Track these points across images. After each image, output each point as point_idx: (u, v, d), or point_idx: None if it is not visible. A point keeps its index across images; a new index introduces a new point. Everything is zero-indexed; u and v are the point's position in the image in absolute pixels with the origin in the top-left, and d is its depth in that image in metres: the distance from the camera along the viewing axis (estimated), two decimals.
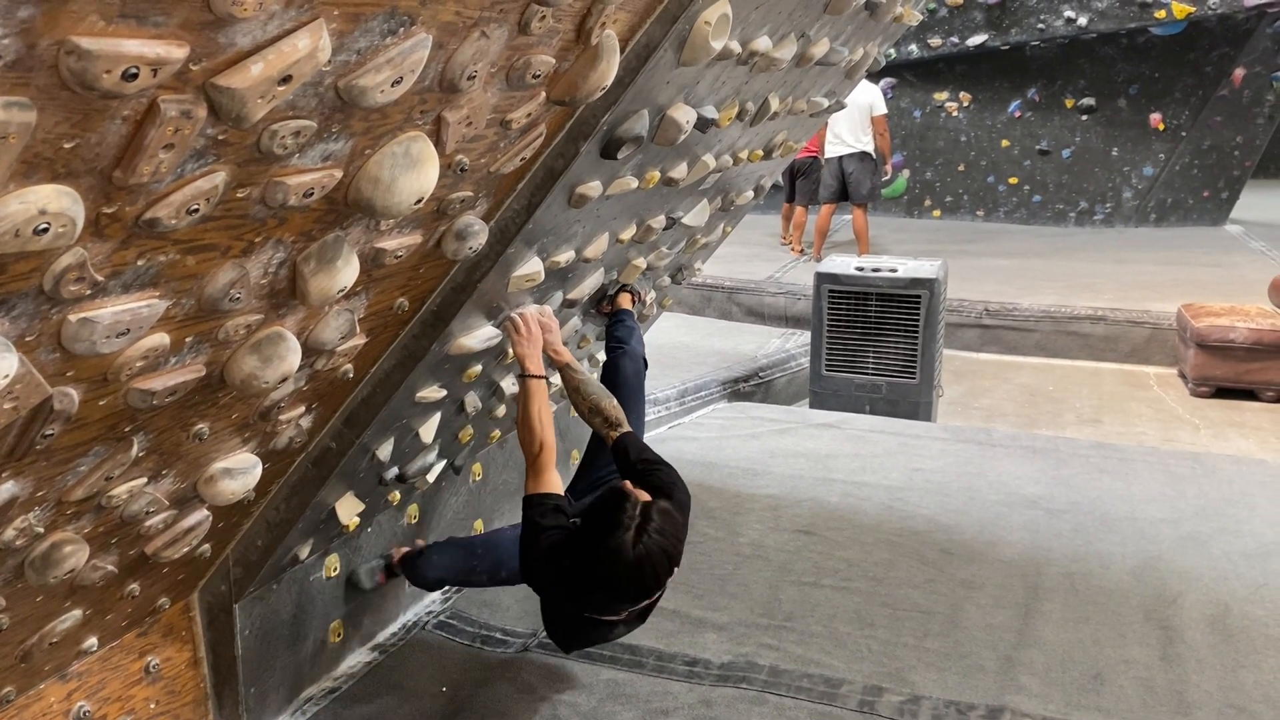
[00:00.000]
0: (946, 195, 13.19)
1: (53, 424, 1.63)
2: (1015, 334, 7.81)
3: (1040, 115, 12.38)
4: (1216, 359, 6.55)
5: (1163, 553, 3.92)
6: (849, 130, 9.19)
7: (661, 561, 2.39)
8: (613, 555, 2.34)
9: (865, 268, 5.98)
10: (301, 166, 1.59)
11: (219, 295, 1.70)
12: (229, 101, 1.31)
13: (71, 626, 2.25)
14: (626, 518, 2.35)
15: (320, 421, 2.51)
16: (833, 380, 6.07)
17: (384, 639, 3.38)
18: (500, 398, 3.35)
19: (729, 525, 4.18)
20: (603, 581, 2.41)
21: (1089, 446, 5.20)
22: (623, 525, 2.34)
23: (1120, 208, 12.34)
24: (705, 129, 2.77)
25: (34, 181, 1.22)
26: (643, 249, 3.46)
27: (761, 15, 2.54)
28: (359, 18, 1.41)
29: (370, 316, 2.24)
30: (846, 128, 9.18)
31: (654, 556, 2.36)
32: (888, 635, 3.33)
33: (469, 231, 2.20)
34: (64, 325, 1.47)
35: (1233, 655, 3.22)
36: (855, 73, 3.78)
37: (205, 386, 1.91)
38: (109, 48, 1.13)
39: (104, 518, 2.05)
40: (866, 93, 9.08)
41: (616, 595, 2.47)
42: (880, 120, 9.20)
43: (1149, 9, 10.42)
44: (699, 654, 3.23)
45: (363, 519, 3.03)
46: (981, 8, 11.24)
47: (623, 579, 2.38)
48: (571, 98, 2.04)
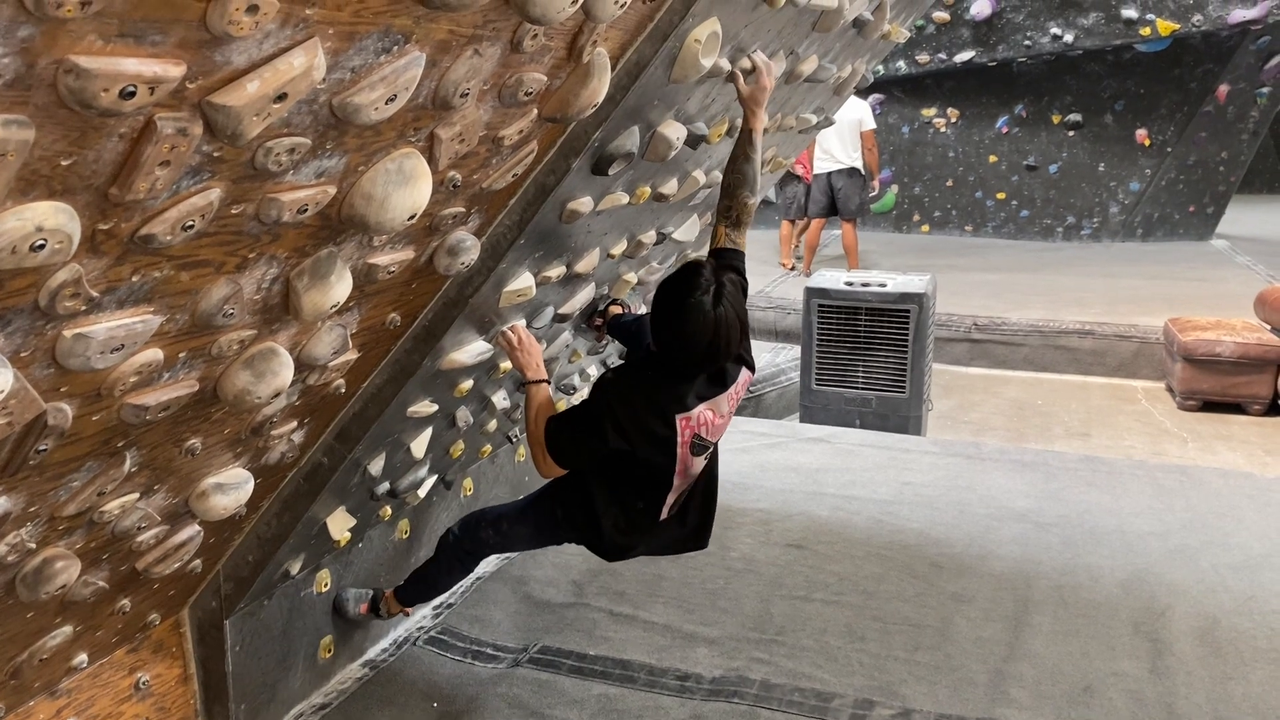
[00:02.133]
0: (935, 210, 13.26)
1: (46, 440, 1.63)
2: (1004, 348, 7.85)
3: (1027, 131, 12.46)
4: (1203, 373, 6.59)
5: (1151, 566, 3.94)
6: (839, 146, 9.23)
7: (735, 327, 2.54)
8: (694, 312, 2.48)
9: (855, 282, 6.01)
10: (296, 183, 1.60)
11: (213, 311, 1.70)
12: (225, 119, 1.32)
13: (62, 643, 2.24)
14: (704, 281, 2.50)
15: (312, 436, 2.51)
16: (823, 394, 6.09)
17: (375, 654, 3.37)
18: (492, 412, 3.36)
19: (720, 540, 4.17)
20: (681, 346, 2.53)
21: (1078, 460, 5.22)
22: (700, 288, 2.49)
23: (1107, 223, 12.43)
24: (696, 145, 2.79)
25: (31, 198, 1.23)
26: (634, 264, 3.48)
27: (751, 33, 2.57)
28: (353, 36, 1.42)
29: (363, 332, 2.24)
30: (837, 143, 9.21)
31: (729, 320, 2.51)
32: (878, 649, 3.34)
33: (461, 247, 2.21)
34: (59, 341, 1.47)
35: (1221, 668, 3.23)
36: (844, 89, 3.82)
37: (198, 402, 1.91)
38: (107, 66, 1.14)
39: (96, 533, 2.05)
40: (855, 109, 9.14)
41: (693, 361, 2.57)
42: (869, 135, 9.25)
43: (1134, 26, 10.52)
44: (690, 668, 3.24)
45: (354, 534, 3.03)
46: (969, 25, 11.33)
47: (700, 338, 2.50)
48: (563, 115, 2.05)
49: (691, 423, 2.64)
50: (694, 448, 2.69)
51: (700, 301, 2.47)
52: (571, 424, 2.70)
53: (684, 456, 2.68)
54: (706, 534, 2.98)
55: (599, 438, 2.64)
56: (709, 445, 2.75)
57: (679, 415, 2.62)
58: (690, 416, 2.63)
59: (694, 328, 2.49)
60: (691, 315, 2.48)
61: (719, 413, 2.72)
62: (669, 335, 2.55)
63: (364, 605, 3.20)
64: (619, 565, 3.88)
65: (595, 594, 3.72)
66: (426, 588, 3.23)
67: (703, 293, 2.48)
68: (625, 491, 2.78)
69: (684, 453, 2.67)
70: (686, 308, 2.49)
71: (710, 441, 2.74)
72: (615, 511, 2.81)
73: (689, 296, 2.49)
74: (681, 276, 2.55)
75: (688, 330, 2.50)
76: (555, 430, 2.70)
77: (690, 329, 2.49)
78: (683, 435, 2.64)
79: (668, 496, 2.76)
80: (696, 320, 2.48)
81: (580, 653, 3.32)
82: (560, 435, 2.69)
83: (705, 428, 2.68)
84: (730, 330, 2.52)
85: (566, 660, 3.28)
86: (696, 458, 2.73)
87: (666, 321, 2.54)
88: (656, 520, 2.81)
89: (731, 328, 2.52)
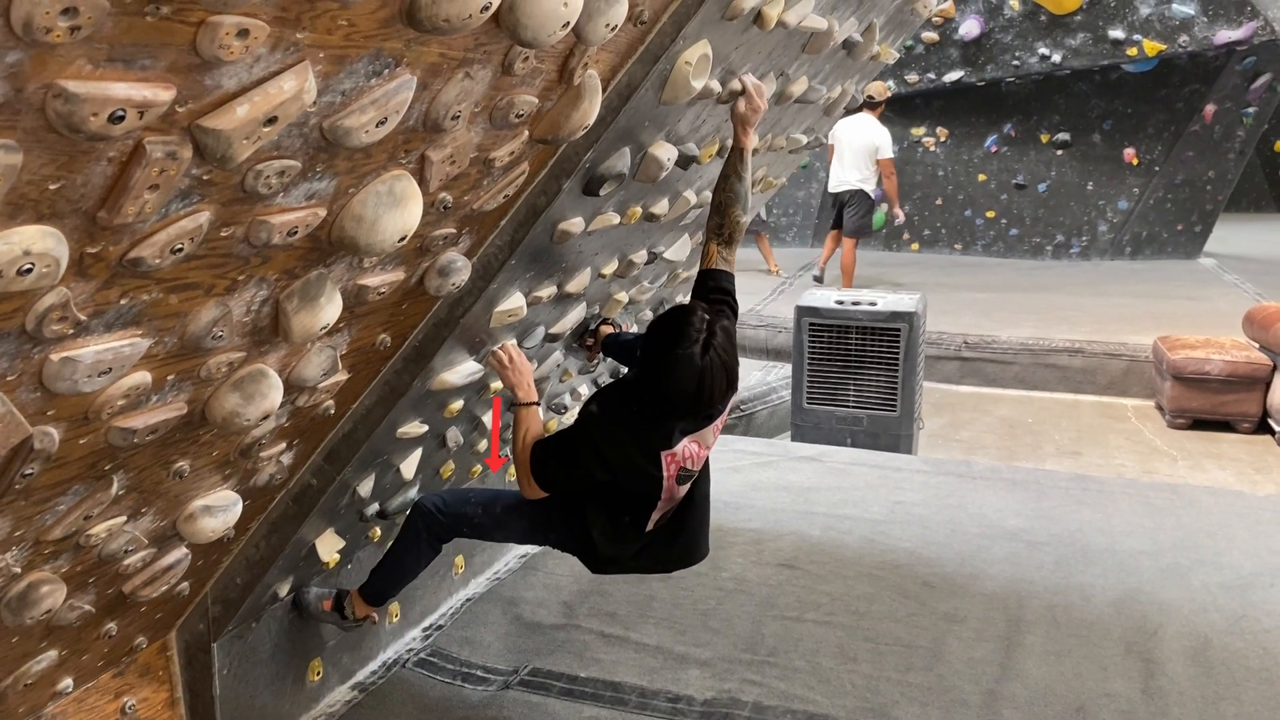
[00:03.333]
0: (925, 229, 13.32)
1: (32, 463, 1.62)
2: (994, 366, 7.86)
3: (1016, 150, 12.54)
4: (1193, 391, 6.62)
5: (1143, 585, 3.93)
6: (852, 168, 9.39)
7: (721, 378, 2.50)
8: (681, 363, 2.44)
9: (845, 301, 6.02)
10: (285, 205, 1.60)
11: (202, 333, 1.70)
12: (214, 143, 1.32)
13: (47, 667, 2.22)
14: (694, 330, 2.47)
15: (301, 458, 2.50)
16: (814, 413, 6.09)
17: (364, 677, 3.34)
18: (482, 433, 3.35)
19: (712, 559, 4.13)
20: (665, 395, 2.50)
21: (1069, 479, 5.23)
22: (690, 338, 2.46)
23: (1096, 241, 12.49)
24: (687, 166, 2.80)
25: (19, 222, 1.22)
26: (625, 283, 3.48)
27: (741, 55, 2.58)
28: (344, 60, 1.42)
29: (352, 353, 2.24)
30: (849, 165, 9.39)
31: (716, 371, 2.47)
32: (870, 670, 3.33)
33: (452, 268, 2.21)
34: (45, 364, 1.46)
35: (1213, 688, 3.23)
36: (833, 110, 3.83)
37: (186, 424, 1.90)
38: (96, 91, 1.14)
39: (82, 557, 2.03)
40: (869, 134, 9.25)
41: (676, 409, 2.54)
42: (887, 164, 9.36)
43: (1121, 46, 10.61)
44: (682, 690, 3.22)
45: (343, 556, 3.01)
46: (958, 45, 11.41)
47: (687, 389, 2.47)
48: (554, 136, 2.06)
49: (676, 458, 2.64)
50: (679, 479, 2.70)
51: (689, 354, 2.44)
52: (557, 453, 2.69)
53: (670, 487, 2.69)
54: (700, 549, 2.96)
55: (583, 470, 2.65)
56: (693, 473, 2.75)
57: (664, 452, 2.61)
58: (675, 453, 2.63)
59: (681, 379, 2.46)
60: (679, 366, 2.44)
61: (704, 444, 2.72)
62: (655, 384, 2.52)
63: (327, 601, 3.06)
64: (610, 586, 3.87)
65: (586, 615, 3.70)
66: (393, 573, 3.06)
67: (692, 344, 2.45)
68: (612, 506, 2.78)
69: (670, 484, 2.68)
70: (675, 359, 2.45)
71: (693, 470, 2.74)
72: (603, 521, 2.80)
73: (678, 348, 2.45)
74: (672, 325, 2.52)
75: (674, 381, 2.47)
76: (541, 457, 2.69)
77: (677, 380, 2.46)
78: (668, 470, 2.64)
79: (653, 514, 2.76)
80: (684, 372, 2.44)
81: (571, 675, 3.30)
82: (545, 462, 2.69)
83: (690, 460, 2.68)
84: (716, 382, 2.48)
85: (557, 682, 3.26)
86: (681, 485, 2.74)
87: (654, 370, 2.51)
88: (644, 531, 2.80)
89: (717, 379, 2.48)
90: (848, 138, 9.32)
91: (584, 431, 2.66)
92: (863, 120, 9.26)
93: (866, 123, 9.27)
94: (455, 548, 3.82)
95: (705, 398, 2.51)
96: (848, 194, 9.48)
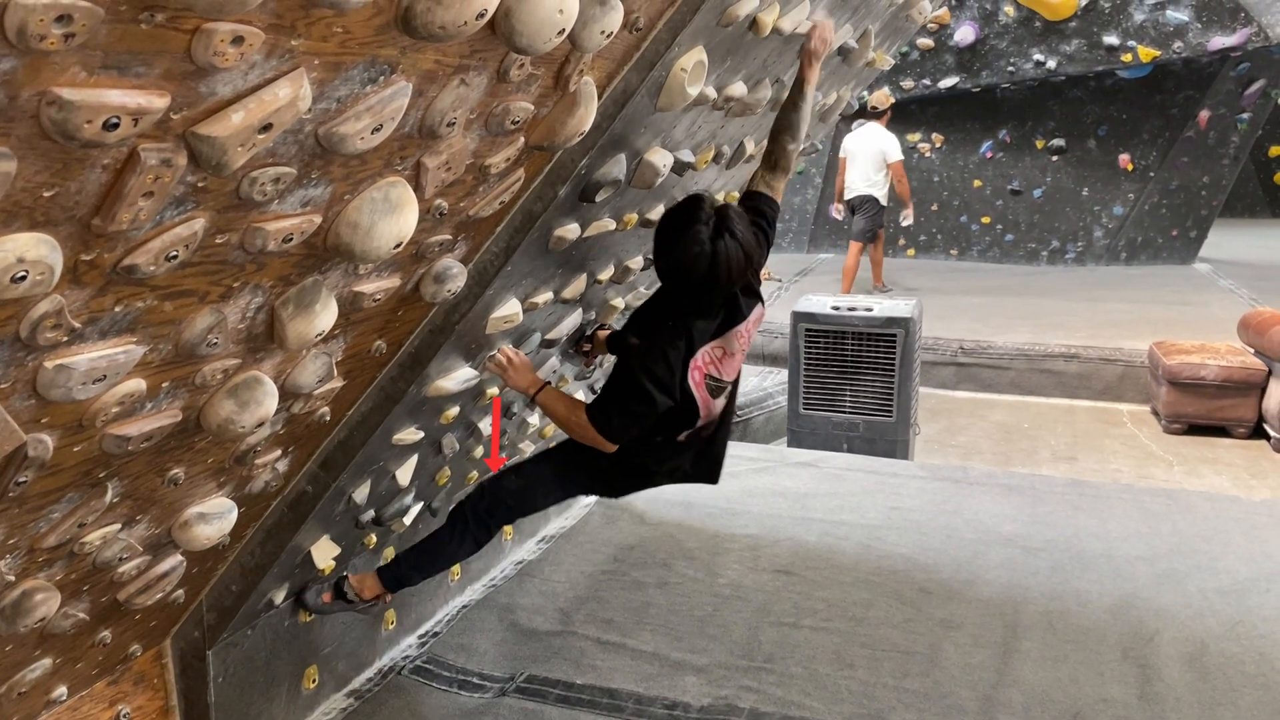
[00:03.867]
0: (920, 235, 13.33)
1: (26, 471, 1.61)
2: (990, 372, 7.87)
3: (1011, 156, 12.57)
4: (1188, 396, 6.62)
5: (1139, 590, 3.94)
6: (860, 175, 9.56)
7: (737, 258, 2.51)
8: (689, 243, 2.47)
9: (841, 307, 6.02)
10: (281, 212, 1.60)
11: (197, 340, 1.69)
12: (209, 150, 1.32)
13: (41, 676, 2.21)
14: (704, 214, 2.49)
15: (297, 465, 2.49)
16: (810, 419, 6.09)
17: (359, 684, 3.33)
18: (478, 439, 3.34)
19: (708, 566, 4.17)
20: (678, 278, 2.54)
21: (1065, 484, 5.23)
22: (699, 219, 2.48)
23: (1091, 247, 12.51)
24: (682, 172, 2.80)
25: (13, 230, 1.22)
26: (621, 289, 3.48)
27: (736, 62, 2.59)
28: (339, 66, 1.42)
29: (348, 359, 2.23)
30: (859, 172, 9.57)
31: (729, 252, 2.49)
32: (867, 676, 3.32)
33: (447, 274, 2.21)
34: (40, 372, 1.46)
35: (1210, 693, 3.23)
36: (829, 116, 3.84)
37: (181, 431, 1.90)
38: (91, 98, 1.14)
39: (76, 564, 2.03)
40: (876, 140, 9.45)
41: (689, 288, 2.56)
42: (897, 167, 9.52)
43: (1115, 52, 10.63)
44: (679, 697, 3.21)
45: (339, 562, 3.00)
46: (953, 51, 11.44)
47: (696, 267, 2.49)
48: (550, 143, 2.06)
49: (699, 365, 2.67)
50: (710, 389, 2.71)
51: (697, 231, 2.47)
52: (617, 400, 2.69)
53: (704, 399, 2.71)
54: (718, 470, 3.02)
55: (649, 403, 2.64)
56: (725, 384, 2.77)
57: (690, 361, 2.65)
58: (696, 360, 2.66)
59: (689, 257, 2.49)
60: (687, 245, 2.48)
61: (729, 350, 2.74)
62: (665, 264, 2.57)
63: (326, 594, 3.04)
64: (607, 593, 3.87)
65: (582, 622, 3.70)
66: (426, 560, 3.04)
67: (700, 224, 2.48)
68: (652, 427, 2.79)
69: (702, 395, 2.70)
70: (683, 238, 2.49)
71: (726, 380, 2.75)
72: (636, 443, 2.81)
73: (687, 227, 2.49)
74: (681, 208, 2.57)
75: (683, 260, 2.51)
76: (602, 414, 2.69)
77: (686, 258, 2.50)
78: (694, 377, 2.66)
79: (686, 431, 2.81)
80: (692, 250, 2.48)
81: (567, 682, 3.29)
82: (610, 416, 2.69)
83: (715, 365, 2.70)
84: (731, 261, 2.51)
85: (553, 690, 3.25)
86: (716, 399, 2.76)
87: (663, 250, 2.56)
88: (673, 442, 2.84)
89: (733, 258, 2.51)
90: (857, 148, 9.58)
91: (634, 365, 2.66)
92: (871, 129, 9.53)
93: (874, 131, 9.51)
94: None
95: (721, 276, 2.52)
96: (858, 200, 9.67)
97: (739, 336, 2.75)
